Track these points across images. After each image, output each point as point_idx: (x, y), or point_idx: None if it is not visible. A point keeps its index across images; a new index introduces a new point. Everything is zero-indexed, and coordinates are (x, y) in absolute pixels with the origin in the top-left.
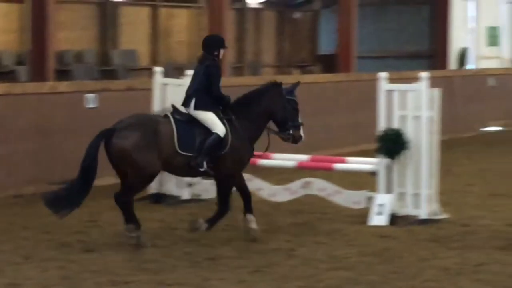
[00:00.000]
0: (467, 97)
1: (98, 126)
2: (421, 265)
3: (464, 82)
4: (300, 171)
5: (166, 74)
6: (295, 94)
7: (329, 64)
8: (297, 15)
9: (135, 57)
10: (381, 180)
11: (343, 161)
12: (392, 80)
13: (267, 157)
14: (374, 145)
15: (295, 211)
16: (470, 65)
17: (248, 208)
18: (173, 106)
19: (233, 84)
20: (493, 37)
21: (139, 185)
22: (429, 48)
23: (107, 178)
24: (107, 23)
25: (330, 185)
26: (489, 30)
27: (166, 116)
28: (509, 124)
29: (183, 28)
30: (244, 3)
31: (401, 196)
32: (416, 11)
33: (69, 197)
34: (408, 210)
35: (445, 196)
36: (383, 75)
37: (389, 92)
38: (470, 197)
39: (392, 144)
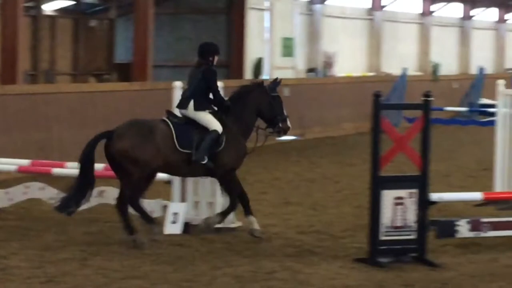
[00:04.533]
0: None
1: None
2: (215, 273)
3: None
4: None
5: None
6: (277, 90)
7: (126, 72)
8: (93, 23)
9: None
10: (176, 188)
11: None
12: None
13: None
14: None
15: (89, 220)
16: (265, 75)
17: (247, 210)
18: (168, 111)
19: (27, 92)
20: (287, 47)
21: (143, 183)
22: (225, 57)
23: None
24: None
25: None
26: (284, 41)
27: (162, 119)
28: (303, 133)
29: None
30: (39, 10)
31: (196, 205)
32: (212, 21)
33: (74, 194)
34: (203, 218)
35: (240, 205)
36: (178, 84)
37: None
38: (264, 206)
39: None
